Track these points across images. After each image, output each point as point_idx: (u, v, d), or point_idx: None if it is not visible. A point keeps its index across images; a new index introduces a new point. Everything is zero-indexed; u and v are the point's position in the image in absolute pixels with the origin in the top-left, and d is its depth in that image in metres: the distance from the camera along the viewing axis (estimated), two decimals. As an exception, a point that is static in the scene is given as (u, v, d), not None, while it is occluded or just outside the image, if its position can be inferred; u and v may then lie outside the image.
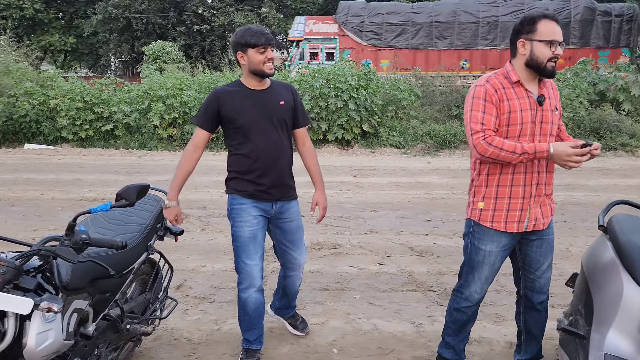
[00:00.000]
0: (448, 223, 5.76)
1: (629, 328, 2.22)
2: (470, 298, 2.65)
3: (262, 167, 2.75)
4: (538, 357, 2.80)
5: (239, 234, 2.77)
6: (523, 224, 2.50)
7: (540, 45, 2.35)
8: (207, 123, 2.77)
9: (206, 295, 3.85)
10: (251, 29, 2.71)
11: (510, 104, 2.41)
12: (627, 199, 2.84)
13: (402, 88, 12.47)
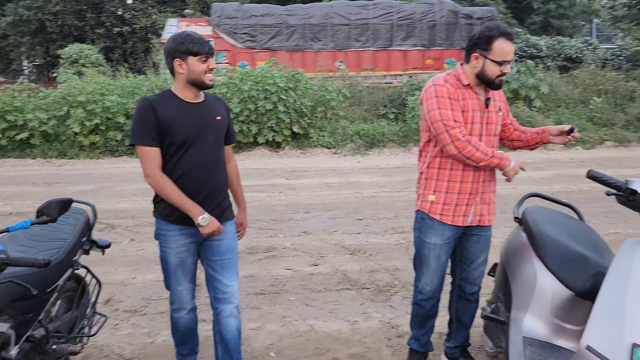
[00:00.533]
0: (379, 221, 5.91)
1: (543, 311, 2.40)
2: (423, 291, 2.76)
3: (195, 189, 2.45)
4: (466, 345, 2.95)
5: (166, 259, 2.56)
6: (468, 218, 2.63)
7: (492, 65, 2.47)
8: (154, 136, 2.39)
9: (137, 307, 3.75)
10: (192, 35, 2.44)
11: (465, 103, 2.55)
12: (539, 192, 3.05)
13: (330, 89, 12.64)
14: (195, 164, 2.46)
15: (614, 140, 12.08)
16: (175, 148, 2.43)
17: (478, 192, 2.62)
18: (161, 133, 2.40)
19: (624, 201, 1.92)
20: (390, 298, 3.85)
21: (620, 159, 10.06)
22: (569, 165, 9.23)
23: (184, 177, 2.44)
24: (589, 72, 15.19)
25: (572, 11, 25.70)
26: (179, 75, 2.44)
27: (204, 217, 2.40)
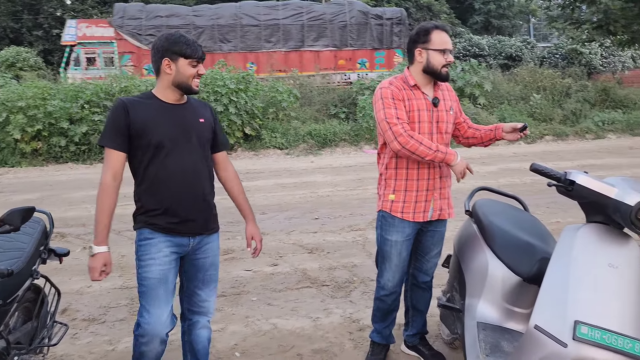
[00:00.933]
0: (335, 219, 6.02)
1: (495, 297, 2.55)
2: (385, 286, 2.85)
3: (179, 195, 2.33)
4: (424, 332, 3.08)
5: (146, 276, 2.31)
6: (427, 213, 2.74)
7: (435, 54, 2.61)
8: (119, 141, 2.26)
9: (95, 316, 3.69)
10: (186, 37, 2.33)
11: (411, 103, 2.66)
12: (487, 186, 3.22)
13: (281, 90, 12.68)
14: (175, 168, 2.32)
15: (553, 134, 12.71)
16: (153, 151, 2.29)
17: (436, 188, 2.75)
18: (134, 136, 2.27)
19: (563, 191, 2.07)
20: (350, 294, 3.96)
21: (559, 152, 10.60)
22: (513, 160, 9.66)
23: (164, 182, 2.31)
24: (528, 70, 15.91)
25: (511, 11, 26.80)
26: (165, 75, 2.32)
27: (99, 247, 2.24)
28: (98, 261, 2.26)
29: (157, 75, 2.36)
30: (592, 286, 1.89)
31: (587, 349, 1.78)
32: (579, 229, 2.04)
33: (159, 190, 2.32)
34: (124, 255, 4.88)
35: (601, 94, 14.85)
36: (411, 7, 23.62)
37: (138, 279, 2.36)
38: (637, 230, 1.89)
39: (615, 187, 1.92)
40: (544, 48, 24.08)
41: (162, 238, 2.33)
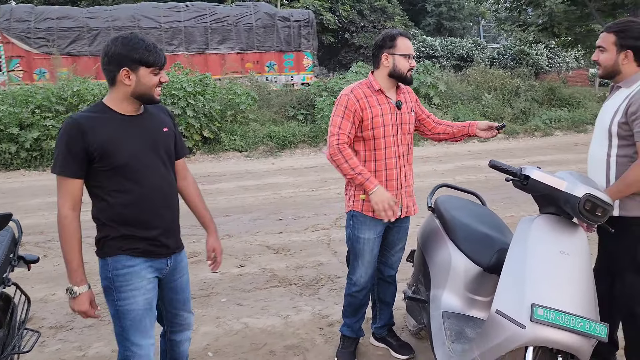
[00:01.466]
0: (299, 220, 6.11)
1: (458, 287, 2.71)
2: (357, 282, 2.95)
3: (154, 214, 2.14)
4: (391, 323, 3.21)
5: (130, 308, 2.10)
6: (397, 211, 2.83)
7: (401, 58, 2.76)
8: (76, 168, 2.01)
9: (63, 323, 3.66)
10: (145, 41, 2.06)
11: (373, 110, 2.78)
12: (447, 183, 3.40)
13: (238, 92, 12.67)
14: (150, 187, 2.12)
15: (504, 132, 13.18)
16: (120, 172, 2.06)
17: (402, 187, 2.88)
18: (95, 159, 2.02)
19: (519, 185, 2.23)
20: (318, 291, 4.06)
21: (510, 149, 11.03)
22: (467, 157, 9.99)
23: (141, 203, 2.10)
24: (479, 70, 16.43)
25: (462, 14, 27.57)
26: (123, 87, 2.06)
27: (80, 287, 2.04)
28: (84, 303, 2.07)
29: (111, 85, 2.09)
30: (546, 272, 2.06)
31: (543, 329, 1.95)
32: (533, 220, 2.21)
33: (133, 213, 2.10)
34: (87, 261, 4.79)
35: (548, 94, 15.50)
36: (365, 9, 23.97)
37: (118, 314, 2.12)
38: (584, 219, 2.07)
39: (565, 180, 2.10)
40: (494, 49, 24.90)
41: (144, 264, 2.14)
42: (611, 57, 2.51)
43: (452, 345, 2.46)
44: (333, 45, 24.24)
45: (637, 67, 2.49)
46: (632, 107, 2.41)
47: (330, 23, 22.40)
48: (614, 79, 2.59)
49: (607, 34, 2.52)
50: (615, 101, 2.54)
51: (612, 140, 2.52)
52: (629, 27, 2.46)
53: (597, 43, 2.57)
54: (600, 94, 18.20)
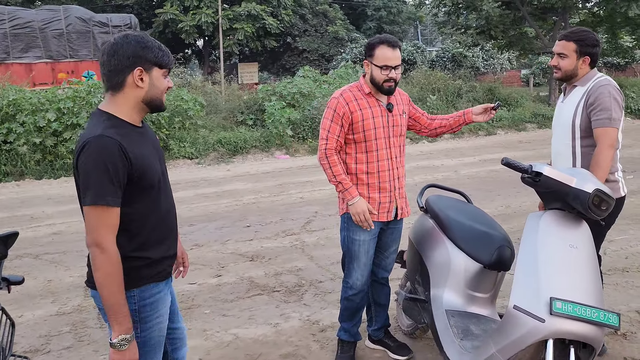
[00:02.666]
0: (267, 226, 6.03)
1: (458, 285, 2.76)
2: (354, 286, 2.95)
3: (172, 233, 2.03)
4: (387, 325, 3.22)
5: (150, 336, 1.94)
6: (391, 213, 2.91)
7: (376, 69, 2.76)
8: (120, 194, 1.78)
9: (37, 346, 3.43)
10: (154, 40, 1.89)
11: (363, 112, 2.80)
12: (435, 183, 3.46)
13: (186, 98, 12.38)
14: (166, 204, 1.98)
15: (450, 132, 13.61)
16: (148, 190, 1.88)
17: (395, 188, 2.91)
18: (134, 181, 1.82)
19: (530, 182, 2.29)
20: (302, 297, 4.02)
21: (459, 149, 11.39)
22: (421, 158, 10.23)
23: (160, 222, 1.95)
24: (423, 73, 16.88)
25: (401, 17, 28.25)
26: (135, 90, 1.85)
27: (127, 337, 1.78)
28: (135, 351, 1.83)
29: (116, 91, 1.85)
30: (559, 266, 2.13)
31: (562, 321, 2.01)
32: (541, 216, 2.28)
33: (158, 234, 1.94)
34: (50, 280, 4.55)
35: (488, 94, 16.13)
36: (307, 14, 24.10)
37: (140, 343, 1.91)
38: (592, 214, 2.16)
39: (574, 177, 2.18)
40: (431, 52, 25.70)
41: (165, 287, 2.00)
42: (572, 62, 2.85)
43: (462, 343, 2.49)
44: (276, 49, 24.19)
45: (589, 68, 2.89)
46: (590, 99, 2.77)
47: (273, 27, 22.36)
48: (570, 80, 2.92)
49: (567, 42, 2.85)
50: (574, 98, 2.88)
51: (575, 133, 2.85)
52: (587, 36, 2.83)
53: (557, 50, 2.89)
54: (534, 94, 19.17)
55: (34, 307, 4.02)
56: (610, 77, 2.86)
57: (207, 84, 16.73)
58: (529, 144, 11.77)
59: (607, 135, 2.70)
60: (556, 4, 15.62)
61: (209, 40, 24.28)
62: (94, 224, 1.75)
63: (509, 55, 24.70)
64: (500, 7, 16.17)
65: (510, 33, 17.58)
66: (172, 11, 21.72)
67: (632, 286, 4.01)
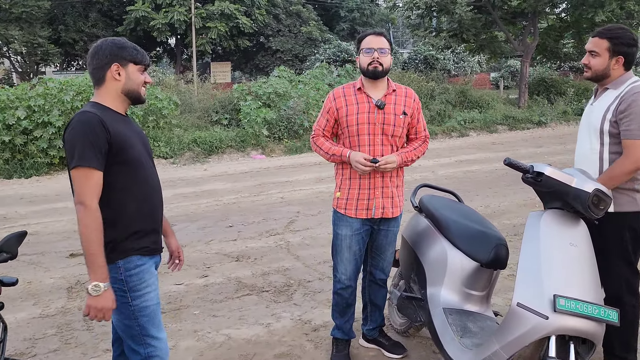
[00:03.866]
0: (250, 226, 6.00)
1: (455, 283, 2.80)
2: (340, 279, 2.97)
3: (157, 211, 2.23)
4: (382, 324, 3.24)
5: (146, 305, 2.12)
6: (371, 211, 2.87)
7: (362, 56, 2.82)
8: (102, 159, 2.00)
9: (22, 350, 3.32)
10: (130, 42, 2.19)
11: (349, 108, 2.85)
12: (427, 183, 3.50)
13: (160, 97, 12.20)
14: (152, 183, 2.19)
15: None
16: (132, 166, 2.11)
17: (377, 187, 2.86)
18: (114, 152, 2.04)
19: (531, 182, 2.34)
20: (292, 297, 4.01)
21: (435, 149, 11.53)
22: (398, 158, 10.32)
23: (147, 200, 2.16)
24: (396, 74, 17.05)
25: (373, 19, 28.44)
26: (114, 83, 2.12)
27: (100, 284, 1.95)
28: (109, 299, 1.99)
29: (99, 84, 2.14)
30: (560, 264, 2.19)
31: (565, 318, 2.07)
32: (541, 215, 2.33)
33: (143, 208, 2.14)
34: (30, 281, 4.41)
35: (460, 96, 16.41)
36: (281, 14, 24.05)
37: (134, 313, 2.11)
38: (592, 214, 2.22)
39: (574, 177, 2.24)
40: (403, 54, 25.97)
41: (150, 261, 2.19)
42: (604, 61, 2.62)
43: (462, 340, 2.53)
44: (249, 49, 24.04)
45: (624, 70, 2.66)
46: (622, 105, 2.55)
47: (246, 27, 22.21)
48: (601, 81, 2.70)
49: (600, 39, 2.61)
50: (604, 102, 2.67)
51: (603, 139, 2.63)
52: (622, 34, 2.61)
53: (589, 48, 2.66)
54: (505, 96, 19.60)
55: (16, 310, 3.89)
56: None
57: (181, 83, 16.53)
58: (502, 145, 12.01)
59: (634, 148, 2.49)
60: (526, 9, 16.02)
61: (182, 39, 23.96)
62: (78, 185, 2.00)
63: (479, 58, 25.16)
64: (472, 11, 16.46)
65: (481, 36, 17.91)
66: (143, 8, 21.36)
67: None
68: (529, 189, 2.59)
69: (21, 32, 20.46)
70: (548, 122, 15.48)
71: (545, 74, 20.45)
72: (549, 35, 18.19)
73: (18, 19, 20.47)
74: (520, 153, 10.60)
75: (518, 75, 21.05)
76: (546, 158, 9.77)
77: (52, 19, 22.38)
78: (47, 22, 21.91)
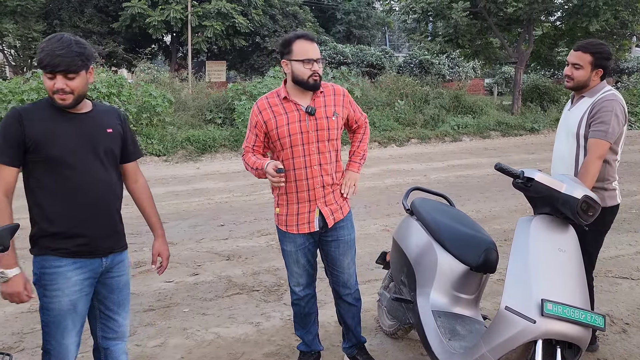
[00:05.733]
0: (241, 225, 5.99)
1: (445, 286, 2.81)
2: (294, 291, 2.89)
3: (87, 214, 2.16)
4: (359, 342, 3.03)
5: (51, 307, 2.13)
6: (313, 223, 2.73)
7: (298, 64, 2.57)
8: (11, 154, 2.05)
9: (10, 344, 3.31)
10: (50, 41, 2.04)
11: (277, 119, 2.65)
12: (419, 186, 3.52)
13: (154, 94, 12.17)
14: (80, 184, 2.13)
15: (418, 137, 13.81)
16: (53, 166, 2.09)
17: (318, 198, 2.71)
18: (30, 149, 2.07)
19: (521, 187, 2.36)
20: (282, 297, 4.01)
21: (428, 153, 11.59)
22: (391, 162, 10.36)
23: (69, 201, 2.12)
24: (391, 78, 17.09)
25: (370, 22, 28.53)
26: None
27: (12, 271, 2.02)
28: (17, 284, 2.05)
29: None
30: (548, 269, 2.21)
31: (552, 322, 2.09)
32: (531, 220, 2.35)
33: (64, 210, 2.12)
34: (19, 276, 4.39)
35: (454, 101, 16.46)
36: (278, 14, 24.06)
37: (41, 308, 2.17)
38: (580, 220, 2.25)
39: (564, 183, 2.26)
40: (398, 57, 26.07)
41: (72, 265, 2.14)
42: (586, 74, 2.89)
43: (450, 343, 2.55)
44: (245, 49, 24.03)
45: (600, 81, 2.94)
46: (594, 110, 2.85)
47: (243, 26, 22.20)
48: (580, 90, 2.97)
49: (584, 53, 2.88)
50: (581, 108, 2.95)
51: (579, 142, 2.92)
52: (603, 49, 2.87)
53: (572, 60, 2.91)
54: (498, 102, 19.69)
55: (4, 304, 3.85)
56: (617, 92, 2.91)
57: (175, 81, 16.49)
58: (495, 151, 12.08)
59: (598, 146, 2.77)
60: (521, 16, 16.11)
61: (177, 37, 23.91)
62: None
63: (474, 64, 25.29)
64: (468, 16, 16.55)
65: (476, 42, 18.00)
66: (140, 5, 21.28)
67: (601, 290, 4.15)
68: (520, 195, 2.62)
69: (16, 26, 20.33)
70: (540, 129, 15.57)
71: (539, 81, 20.59)
72: (544, 43, 18.30)
73: (13, 12, 20.35)
74: (512, 159, 10.66)
75: (512, 81, 21.18)
76: (538, 164, 9.84)
77: (48, 14, 22.25)
78: (42, 16, 21.77)
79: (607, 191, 2.91)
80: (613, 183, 2.96)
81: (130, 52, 23.19)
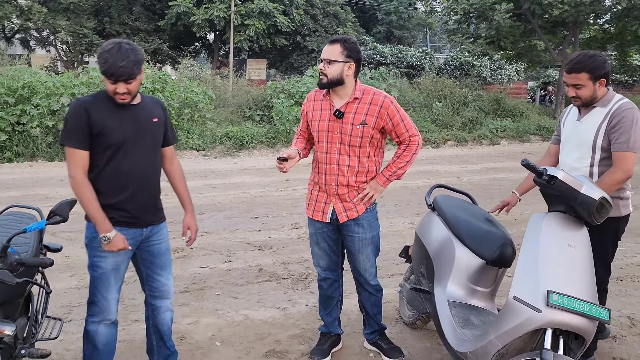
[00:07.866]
0: (274, 218, 6.23)
1: (461, 279, 2.95)
2: (317, 270, 3.16)
3: (134, 191, 2.51)
4: (381, 328, 3.22)
5: (100, 265, 2.52)
6: (327, 215, 2.93)
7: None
8: (83, 140, 2.40)
9: (60, 315, 3.59)
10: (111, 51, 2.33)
11: (314, 113, 2.94)
12: (443, 183, 3.65)
13: (196, 90, 12.57)
14: (133, 167, 2.49)
15: (454, 140, 13.79)
16: (113, 151, 2.45)
17: (333, 194, 2.90)
18: (94, 135, 2.41)
19: (544, 184, 2.45)
20: (309, 285, 4.21)
21: (463, 156, 11.59)
22: (425, 162, 10.42)
23: (120, 181, 2.48)
24: (430, 79, 17.06)
25: (410, 23, 28.42)
26: None
27: (108, 235, 2.42)
28: (120, 241, 2.45)
29: None
30: (557, 262, 2.32)
31: (557, 313, 2.20)
32: (543, 217, 2.47)
33: (115, 188, 2.48)
34: (68, 256, 4.74)
35: (494, 104, 16.32)
36: (319, 14, 24.28)
37: (91, 265, 2.54)
38: (594, 220, 2.35)
39: (583, 183, 2.36)
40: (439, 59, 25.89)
41: (118, 230, 2.48)
42: (589, 89, 2.82)
43: (462, 331, 2.68)
44: (285, 48, 24.37)
45: (606, 88, 2.88)
46: (613, 121, 2.79)
47: (284, 26, 22.53)
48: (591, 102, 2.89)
49: (579, 74, 2.80)
50: (594, 119, 2.87)
51: (595, 153, 2.86)
52: (595, 62, 2.78)
53: (571, 82, 2.84)
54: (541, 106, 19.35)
55: (55, 280, 4.20)
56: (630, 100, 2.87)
57: (217, 78, 16.93)
58: (532, 155, 11.93)
59: (624, 160, 2.72)
60: (567, 19, 15.79)
61: (220, 35, 24.45)
62: (67, 161, 2.46)
63: (517, 66, 24.89)
64: (511, 18, 16.36)
65: (519, 44, 17.78)
66: (185, 4, 21.88)
67: (625, 294, 4.20)
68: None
69: (68, 22, 21.27)
70: (582, 135, 15.25)
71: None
72: (590, 47, 17.84)
73: (66, 9, 21.30)
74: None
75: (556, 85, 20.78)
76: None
77: (98, 11, 23.14)
78: (92, 13, 22.66)
79: (622, 200, 2.90)
80: (627, 192, 2.93)
81: (175, 49, 23.89)
